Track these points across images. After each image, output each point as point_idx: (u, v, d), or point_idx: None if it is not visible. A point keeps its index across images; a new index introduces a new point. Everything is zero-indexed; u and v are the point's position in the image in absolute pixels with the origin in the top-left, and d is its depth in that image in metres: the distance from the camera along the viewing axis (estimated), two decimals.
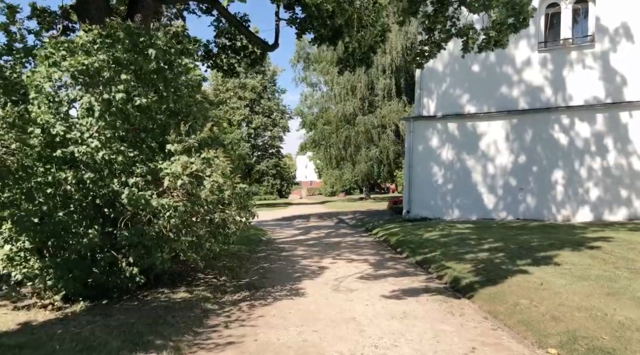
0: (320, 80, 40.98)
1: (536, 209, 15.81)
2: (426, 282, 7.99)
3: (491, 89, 16.67)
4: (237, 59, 13.75)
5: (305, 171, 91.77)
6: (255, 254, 11.12)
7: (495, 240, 10.90)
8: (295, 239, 14.31)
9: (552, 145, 15.63)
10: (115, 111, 5.50)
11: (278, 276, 8.48)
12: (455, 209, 17.17)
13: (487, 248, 10.02)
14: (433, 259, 9.49)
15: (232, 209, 6.13)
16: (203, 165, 5.80)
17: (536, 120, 15.96)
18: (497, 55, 16.53)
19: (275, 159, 49.88)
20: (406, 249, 11.17)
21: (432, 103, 17.70)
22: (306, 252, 11.50)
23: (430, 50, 10.12)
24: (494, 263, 8.50)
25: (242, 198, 6.16)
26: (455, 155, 17.24)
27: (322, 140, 38.19)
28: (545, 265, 8.02)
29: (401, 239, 12.60)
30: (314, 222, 20.78)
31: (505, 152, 16.42)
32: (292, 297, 6.89)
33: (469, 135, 17.01)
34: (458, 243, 10.99)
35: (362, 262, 9.94)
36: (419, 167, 17.74)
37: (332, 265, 9.63)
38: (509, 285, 6.91)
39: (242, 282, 7.84)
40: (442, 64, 17.53)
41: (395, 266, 9.44)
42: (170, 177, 5.50)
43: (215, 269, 8.56)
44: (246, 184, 23.11)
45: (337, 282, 8.00)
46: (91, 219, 6.12)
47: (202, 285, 7.52)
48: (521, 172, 16.15)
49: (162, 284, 7.37)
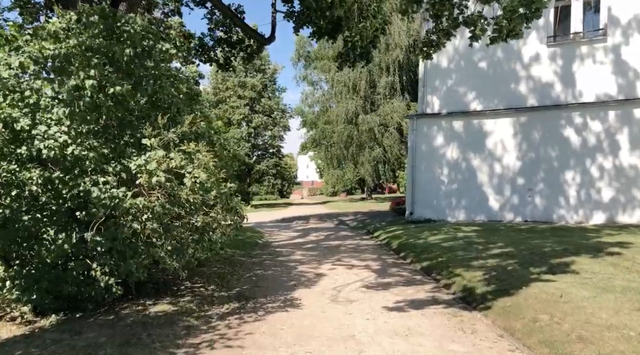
0: (321, 78, 40.37)
1: (545, 211, 15.13)
2: (432, 292, 7.35)
3: (498, 85, 16.00)
4: (232, 52, 13.12)
5: (306, 171, 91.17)
6: (250, 259, 10.48)
7: (505, 245, 10.24)
8: (293, 242, 13.67)
9: (562, 144, 14.95)
10: (86, 101, 4.86)
11: (272, 284, 7.84)
12: (460, 211, 16.50)
13: (497, 253, 9.37)
14: (439, 266, 8.84)
15: (217, 211, 5.49)
16: (184, 160, 5.17)
17: (545, 118, 15.28)
18: (505, 51, 15.87)
19: (275, 159, 49.22)
20: (410, 254, 10.52)
21: (437, 100, 17.03)
22: (304, 257, 10.87)
23: (438, 39, 9.45)
24: (506, 270, 7.85)
25: (228, 198, 5.53)
26: (460, 155, 16.58)
27: (322, 139, 37.55)
28: (563, 273, 7.36)
29: (404, 242, 11.95)
30: (314, 223, 20.14)
31: (513, 151, 15.75)
32: (285, 310, 6.24)
33: (475, 133, 16.34)
34: (465, 247, 10.34)
35: (363, 268, 9.29)
36: (423, 167, 17.08)
37: (330, 271, 9.00)
38: (524, 297, 6.26)
39: (233, 292, 7.20)
40: (447, 59, 16.88)
41: (399, 273, 8.79)
42: (145, 174, 4.87)
43: (204, 277, 7.93)
44: (245, 184, 22.53)
45: (335, 291, 7.36)
46: (62, 223, 5.49)
47: (188, 295, 6.89)
48: (529, 172, 15.48)
49: (144, 294, 6.75)
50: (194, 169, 5.17)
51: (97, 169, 5.16)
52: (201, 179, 5.11)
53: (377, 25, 12.43)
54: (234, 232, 5.84)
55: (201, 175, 5.12)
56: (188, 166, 5.20)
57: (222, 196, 5.46)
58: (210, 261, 9.28)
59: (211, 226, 5.45)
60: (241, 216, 6.06)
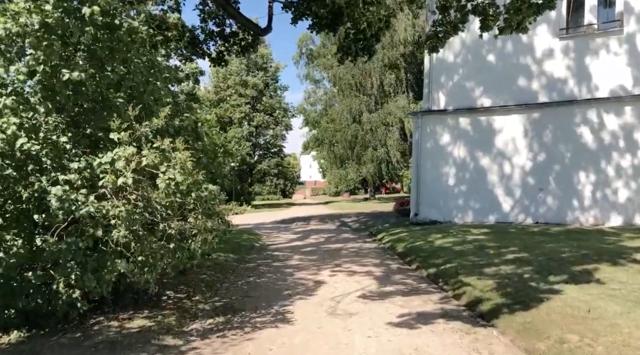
0: (323, 76, 39.70)
1: (558, 212, 14.36)
2: (441, 303, 6.63)
3: (508, 80, 15.24)
4: (226, 46, 12.44)
5: (309, 171, 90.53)
6: (244, 264, 9.79)
7: (519, 249, 9.50)
8: (291, 246, 12.97)
9: (576, 142, 14.18)
10: (38, 88, 4.18)
11: (264, 294, 7.14)
12: (467, 212, 15.75)
13: (511, 259, 8.63)
14: (448, 273, 8.12)
15: (197, 217, 4.80)
16: (157, 159, 4.49)
17: (558, 114, 14.51)
18: (514, 44, 15.13)
19: (277, 158, 48.53)
20: (416, 259, 9.80)
21: (443, 96, 16.29)
22: (302, 261, 10.17)
23: (445, 31, 8.76)
24: (522, 279, 7.12)
25: (210, 202, 4.84)
26: (467, 153, 15.83)
27: (325, 138, 36.82)
28: (586, 283, 6.62)
29: (410, 246, 11.23)
30: (315, 225, 19.43)
31: (523, 149, 14.99)
32: (276, 325, 5.54)
33: (483, 131, 15.59)
34: (475, 252, 9.61)
35: (365, 275, 8.58)
36: (428, 166, 16.33)
37: (330, 278, 8.29)
38: (547, 311, 5.54)
39: (220, 303, 6.51)
40: (453, 54, 16.14)
41: (404, 281, 8.08)
42: (110, 174, 4.19)
43: (191, 285, 7.24)
44: (246, 184, 21.61)
45: (334, 302, 6.66)
46: (18, 228, 4.81)
47: (170, 306, 6.21)
48: (541, 171, 14.72)
49: (122, 306, 6.07)
50: (169, 168, 4.48)
51: (57, 167, 4.47)
52: (177, 181, 4.42)
53: (380, 16, 11.74)
54: (217, 240, 5.14)
55: (177, 177, 4.43)
56: (162, 165, 4.51)
57: (202, 200, 4.77)
58: (200, 267, 8.60)
59: (189, 234, 4.75)
60: (226, 222, 5.36)
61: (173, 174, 4.45)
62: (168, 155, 4.57)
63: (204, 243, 4.94)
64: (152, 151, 4.51)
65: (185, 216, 4.83)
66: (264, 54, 45.61)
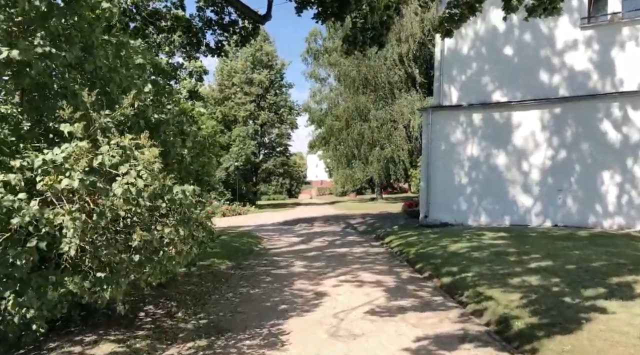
0: (330, 74, 38.84)
1: (580, 215, 13.38)
2: (460, 322, 5.75)
3: (525, 74, 14.27)
4: (225, 35, 11.62)
5: (315, 170, 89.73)
6: (239, 271, 8.95)
7: (542, 257, 8.58)
8: (293, 250, 12.12)
9: (599, 139, 13.18)
10: None
11: (257, 308, 6.30)
12: (481, 214, 14.81)
13: (534, 268, 7.72)
14: (465, 284, 7.23)
15: (167, 224, 3.97)
16: (117, 157, 3.66)
17: (579, 110, 13.52)
18: (533, 35, 14.17)
19: (282, 158, 47.70)
20: (428, 266, 8.91)
21: (455, 91, 15.35)
22: (303, 268, 9.31)
23: (460, 13, 7.88)
24: (552, 293, 6.22)
25: (184, 206, 4.00)
26: (481, 151, 14.89)
27: (331, 137, 35.91)
28: (629, 299, 5.72)
29: (421, 251, 10.34)
30: (319, 226, 18.56)
31: (542, 147, 14.01)
32: (264, 351, 4.70)
33: (498, 127, 14.64)
34: (494, 259, 8.71)
35: (373, 285, 7.71)
36: (439, 165, 15.40)
37: (333, 289, 7.43)
38: (588, 337, 4.65)
39: (204, 321, 5.67)
40: (466, 46, 15.20)
41: (416, 293, 7.19)
42: (53, 174, 3.36)
43: (174, 299, 6.41)
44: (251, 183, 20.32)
45: (336, 320, 5.80)
46: None
47: (147, 325, 5.38)
48: (561, 171, 13.74)
49: (91, 325, 5.27)
50: (131, 170, 3.66)
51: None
52: (138, 185, 3.59)
53: (389, 2, 10.86)
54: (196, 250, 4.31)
55: (138, 182, 3.60)
56: (123, 166, 3.69)
57: (175, 204, 3.93)
58: (189, 275, 7.79)
59: (159, 244, 3.92)
60: (208, 229, 4.52)
61: (134, 177, 3.62)
62: (130, 154, 3.74)
63: (179, 255, 4.10)
64: (111, 148, 3.69)
65: (153, 224, 3.99)
66: (269, 51, 44.84)
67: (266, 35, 45.51)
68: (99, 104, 3.90)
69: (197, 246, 5.04)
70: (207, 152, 7.48)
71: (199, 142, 7.01)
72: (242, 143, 41.29)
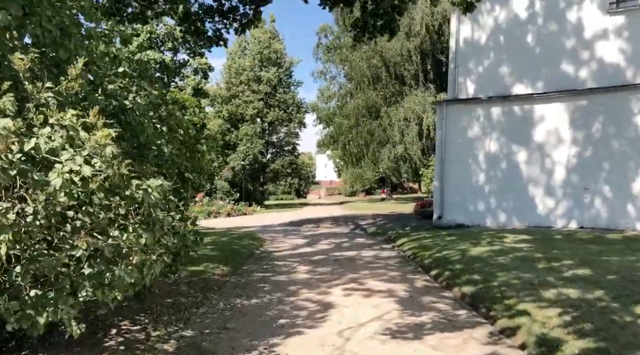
0: (340, 72, 38.00)
1: (608, 216, 12.34)
2: (491, 343, 4.83)
3: (548, 64, 13.25)
4: (224, 22, 10.79)
5: (324, 170, 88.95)
6: (235, 278, 8.08)
7: (576, 264, 7.61)
8: (297, 253, 11.24)
9: (631, 133, 12.13)
10: None
11: (251, 324, 5.42)
12: (499, 214, 13.81)
13: (569, 277, 6.76)
14: (490, 294, 6.29)
15: (123, 229, 3.11)
16: (58, 140, 2.82)
17: (608, 102, 12.48)
18: (556, 21, 13.15)
19: (291, 157, 46.85)
20: (446, 273, 7.96)
21: (471, 84, 14.37)
22: (307, 274, 8.43)
23: None
24: (596, 309, 5.26)
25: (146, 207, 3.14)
26: (500, 147, 13.89)
27: (340, 135, 34.98)
28: None
29: (437, 255, 9.40)
30: (326, 227, 17.66)
31: (566, 143, 12.99)
32: None
33: (519, 122, 13.63)
34: (519, 266, 7.75)
35: (384, 295, 6.80)
36: (455, 163, 14.42)
37: (339, 300, 6.54)
38: None
39: (186, 339, 4.81)
40: (484, 35, 14.22)
41: (434, 305, 6.27)
42: None
43: (154, 312, 5.55)
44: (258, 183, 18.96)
45: (341, 339, 4.91)
46: None
47: (115, 347, 4.53)
48: (587, 168, 12.71)
49: (48, 345, 4.43)
50: (75, 156, 2.81)
51: None
52: (84, 174, 2.75)
53: None
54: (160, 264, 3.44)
55: (84, 169, 2.75)
56: (66, 152, 2.84)
57: (134, 202, 3.08)
58: (177, 283, 6.95)
59: (115, 253, 3.06)
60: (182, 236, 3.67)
61: (79, 164, 2.77)
62: (74, 136, 2.89)
63: (139, 267, 3.24)
64: (54, 130, 2.85)
65: (109, 227, 3.14)
66: (278, 49, 44.04)
67: (275, 32, 44.76)
68: (38, 74, 3.05)
69: (171, 255, 4.20)
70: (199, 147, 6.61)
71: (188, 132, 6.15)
72: (249, 142, 40.52)
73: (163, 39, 31.44)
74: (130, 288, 3.57)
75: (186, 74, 34.50)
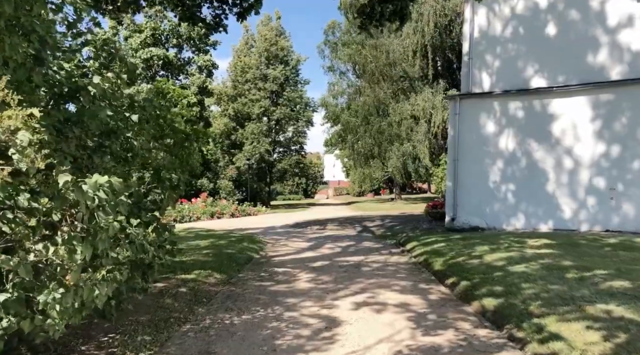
0: (348, 68, 37.19)
1: (638, 218, 11.41)
2: None
3: (570, 55, 12.35)
4: (223, 8, 10.07)
5: (332, 170, 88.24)
6: (227, 288, 7.30)
7: (611, 274, 6.73)
8: (300, 258, 10.46)
9: None
10: None
11: (238, 347, 4.63)
12: (517, 217, 12.93)
13: (607, 290, 5.90)
14: (517, 310, 5.46)
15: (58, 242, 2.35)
16: None
17: (636, 96, 11.55)
18: (579, 10, 12.24)
19: (298, 156, 46.09)
20: (462, 283, 7.13)
21: (487, 77, 13.50)
22: (309, 283, 7.64)
23: None
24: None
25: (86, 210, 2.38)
26: (518, 145, 13.00)
27: (348, 134, 34.16)
28: None
29: (451, 262, 8.57)
30: (332, 230, 16.86)
31: (590, 140, 12.08)
32: None
33: (538, 117, 12.74)
34: (545, 276, 6.90)
35: (396, 310, 5.99)
36: (469, 161, 13.56)
37: (342, 315, 5.75)
38: None
39: None
40: (500, 25, 13.34)
41: (452, 323, 5.44)
42: None
43: (128, 331, 4.79)
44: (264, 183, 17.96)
45: None
46: None
47: None
48: (614, 168, 11.80)
49: None
50: None
51: None
52: None
53: None
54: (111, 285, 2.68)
55: None
56: None
57: (64, 204, 2.32)
58: (160, 295, 6.19)
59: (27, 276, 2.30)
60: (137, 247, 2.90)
61: None
62: None
63: (80, 290, 2.48)
64: None
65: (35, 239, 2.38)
66: (285, 46, 43.30)
67: (282, 29, 44.05)
68: None
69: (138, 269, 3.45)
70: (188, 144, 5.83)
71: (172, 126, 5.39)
72: (255, 140, 39.86)
73: (167, 35, 30.89)
74: (75, 314, 2.82)
75: (191, 71, 33.91)
